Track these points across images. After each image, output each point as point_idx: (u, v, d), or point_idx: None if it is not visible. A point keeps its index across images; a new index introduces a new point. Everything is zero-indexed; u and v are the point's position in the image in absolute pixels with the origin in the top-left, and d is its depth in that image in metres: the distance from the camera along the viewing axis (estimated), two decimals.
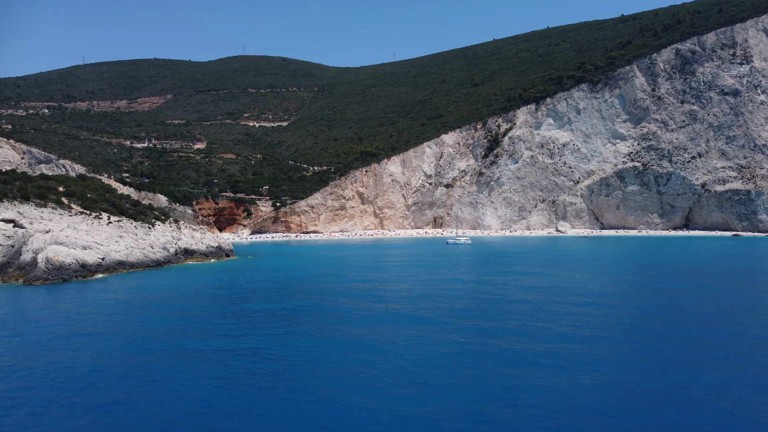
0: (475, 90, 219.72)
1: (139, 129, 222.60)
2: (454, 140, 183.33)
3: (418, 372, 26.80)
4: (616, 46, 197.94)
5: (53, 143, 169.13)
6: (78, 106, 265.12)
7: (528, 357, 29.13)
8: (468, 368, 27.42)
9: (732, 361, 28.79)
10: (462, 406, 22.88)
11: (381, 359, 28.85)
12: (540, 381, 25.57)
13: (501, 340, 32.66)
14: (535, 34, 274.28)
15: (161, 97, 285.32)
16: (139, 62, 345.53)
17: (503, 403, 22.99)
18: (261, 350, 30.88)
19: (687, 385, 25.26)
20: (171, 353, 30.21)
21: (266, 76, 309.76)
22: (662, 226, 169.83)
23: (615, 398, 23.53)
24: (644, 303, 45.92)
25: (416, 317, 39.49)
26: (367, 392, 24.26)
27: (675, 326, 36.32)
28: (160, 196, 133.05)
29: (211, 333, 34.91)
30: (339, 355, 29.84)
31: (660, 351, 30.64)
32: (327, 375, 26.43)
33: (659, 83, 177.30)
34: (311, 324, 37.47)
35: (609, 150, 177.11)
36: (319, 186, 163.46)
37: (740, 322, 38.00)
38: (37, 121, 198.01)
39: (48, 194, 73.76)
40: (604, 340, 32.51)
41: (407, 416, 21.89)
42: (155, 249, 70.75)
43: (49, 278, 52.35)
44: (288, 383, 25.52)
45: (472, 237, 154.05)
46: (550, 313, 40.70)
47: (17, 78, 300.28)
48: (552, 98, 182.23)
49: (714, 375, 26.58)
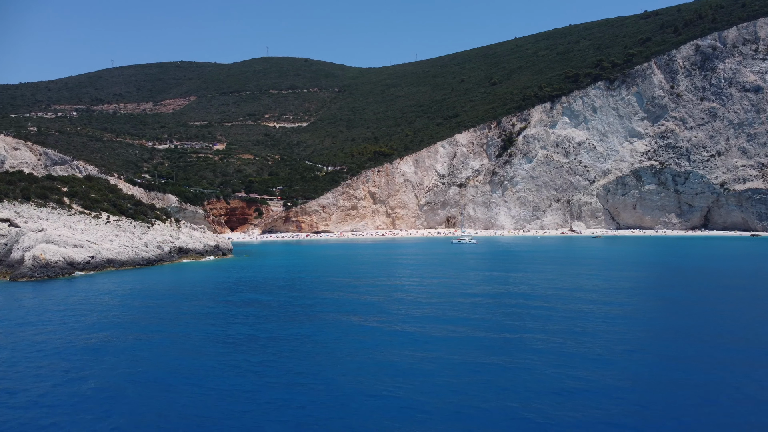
0: (492, 89, 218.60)
1: (162, 130, 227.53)
2: (468, 139, 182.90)
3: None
4: (636, 43, 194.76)
5: (76, 145, 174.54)
6: (105, 108, 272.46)
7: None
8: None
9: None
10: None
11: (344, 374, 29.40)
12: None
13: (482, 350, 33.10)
14: (557, 32, 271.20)
15: (185, 99, 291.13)
16: (165, 65, 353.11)
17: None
18: (203, 349, 31.87)
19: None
20: (94, 349, 30.96)
21: (288, 77, 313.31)
22: (680, 226, 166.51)
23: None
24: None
25: (388, 324, 39.46)
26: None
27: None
28: (170, 196, 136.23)
29: (154, 330, 35.82)
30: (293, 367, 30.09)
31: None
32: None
33: (678, 80, 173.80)
34: (273, 327, 37.97)
35: (626, 149, 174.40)
36: (331, 186, 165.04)
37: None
38: (63, 123, 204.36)
39: (50, 194, 76.63)
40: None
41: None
42: (150, 248, 72.81)
43: (34, 275, 54.50)
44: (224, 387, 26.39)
45: (484, 237, 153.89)
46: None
47: (49, 82, 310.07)
48: (568, 96, 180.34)
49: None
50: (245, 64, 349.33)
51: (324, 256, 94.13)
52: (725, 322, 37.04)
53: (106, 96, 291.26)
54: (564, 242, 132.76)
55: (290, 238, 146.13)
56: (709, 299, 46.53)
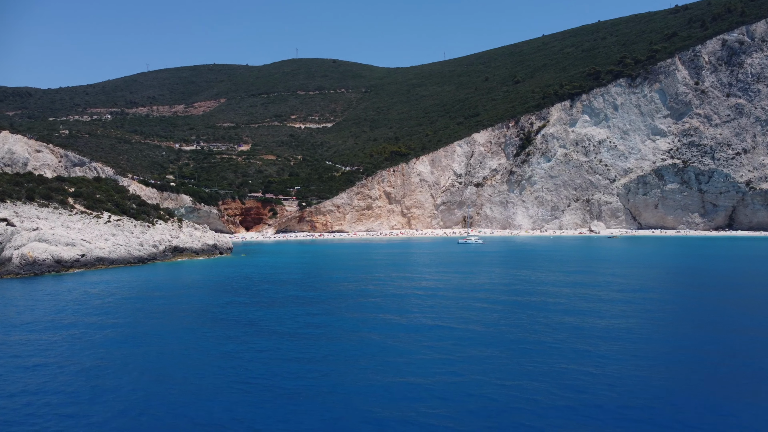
0: (515, 88, 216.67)
1: (191, 132, 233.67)
2: (485, 139, 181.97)
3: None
4: (662, 39, 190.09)
5: (104, 147, 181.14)
6: (138, 111, 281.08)
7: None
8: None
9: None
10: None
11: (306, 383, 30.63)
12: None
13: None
14: (584, 28, 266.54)
15: (215, 101, 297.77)
16: (198, 68, 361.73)
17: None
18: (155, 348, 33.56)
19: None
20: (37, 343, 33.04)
21: (316, 79, 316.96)
22: (703, 226, 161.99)
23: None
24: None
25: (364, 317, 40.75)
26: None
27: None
28: (184, 196, 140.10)
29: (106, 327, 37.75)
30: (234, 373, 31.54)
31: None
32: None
33: (703, 76, 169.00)
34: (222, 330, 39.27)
35: (648, 147, 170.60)
36: (346, 186, 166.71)
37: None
38: (95, 126, 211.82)
39: (55, 195, 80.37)
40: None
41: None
42: (145, 246, 75.60)
43: (20, 272, 57.58)
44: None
45: (499, 237, 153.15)
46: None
47: (87, 86, 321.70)
48: (588, 94, 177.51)
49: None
50: (275, 66, 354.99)
51: (323, 255, 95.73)
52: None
53: (140, 99, 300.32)
54: (580, 242, 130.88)
55: (304, 237, 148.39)
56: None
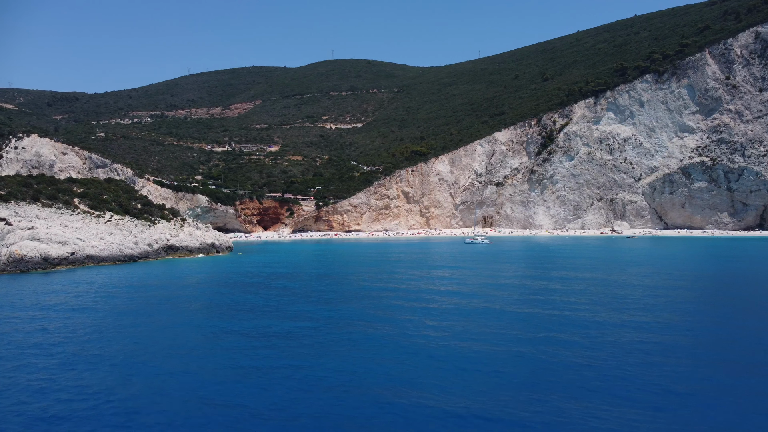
0: (543, 85, 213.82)
1: (225, 134, 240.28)
2: (507, 137, 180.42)
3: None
4: (694, 33, 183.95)
5: (136, 149, 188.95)
6: (177, 114, 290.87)
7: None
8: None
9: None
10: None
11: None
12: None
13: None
14: (619, 23, 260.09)
15: (251, 103, 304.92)
16: (237, 70, 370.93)
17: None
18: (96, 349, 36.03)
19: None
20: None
21: (349, 79, 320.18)
22: (733, 225, 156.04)
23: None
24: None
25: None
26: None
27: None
28: (200, 196, 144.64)
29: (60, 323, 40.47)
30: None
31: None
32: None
33: (735, 70, 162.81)
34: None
35: (675, 144, 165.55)
36: (365, 186, 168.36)
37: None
38: (131, 129, 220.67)
39: (61, 195, 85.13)
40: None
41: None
42: (140, 245, 79.22)
43: (6, 269, 61.67)
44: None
45: (518, 237, 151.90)
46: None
47: (130, 90, 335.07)
48: (613, 91, 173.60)
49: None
50: (310, 68, 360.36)
51: (323, 253, 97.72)
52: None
53: (180, 102, 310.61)
54: (600, 242, 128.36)
55: (320, 237, 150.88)
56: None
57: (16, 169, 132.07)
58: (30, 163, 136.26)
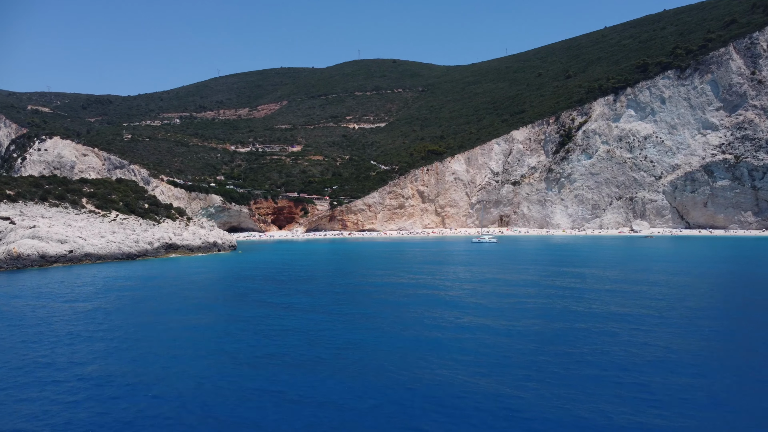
0: (565, 83, 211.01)
1: (250, 134, 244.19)
2: (525, 136, 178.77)
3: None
4: (720, 27, 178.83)
5: (161, 150, 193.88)
6: (206, 115, 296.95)
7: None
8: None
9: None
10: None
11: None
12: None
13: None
14: (647, 18, 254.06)
15: (277, 104, 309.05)
16: (265, 72, 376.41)
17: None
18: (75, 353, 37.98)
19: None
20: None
21: (374, 79, 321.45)
22: (757, 225, 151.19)
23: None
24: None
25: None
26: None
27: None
28: (213, 196, 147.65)
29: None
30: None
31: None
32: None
33: (760, 65, 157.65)
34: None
35: (697, 142, 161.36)
36: (380, 185, 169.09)
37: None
38: (156, 130, 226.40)
39: (69, 195, 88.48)
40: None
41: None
42: (140, 243, 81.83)
43: (3, 266, 64.76)
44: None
45: (535, 236, 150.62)
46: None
47: (162, 92, 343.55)
48: (633, 88, 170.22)
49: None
50: (336, 68, 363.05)
51: (322, 252, 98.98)
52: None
53: (209, 103, 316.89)
54: (614, 242, 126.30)
55: (334, 236, 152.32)
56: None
57: (39, 170, 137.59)
58: (52, 164, 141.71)
